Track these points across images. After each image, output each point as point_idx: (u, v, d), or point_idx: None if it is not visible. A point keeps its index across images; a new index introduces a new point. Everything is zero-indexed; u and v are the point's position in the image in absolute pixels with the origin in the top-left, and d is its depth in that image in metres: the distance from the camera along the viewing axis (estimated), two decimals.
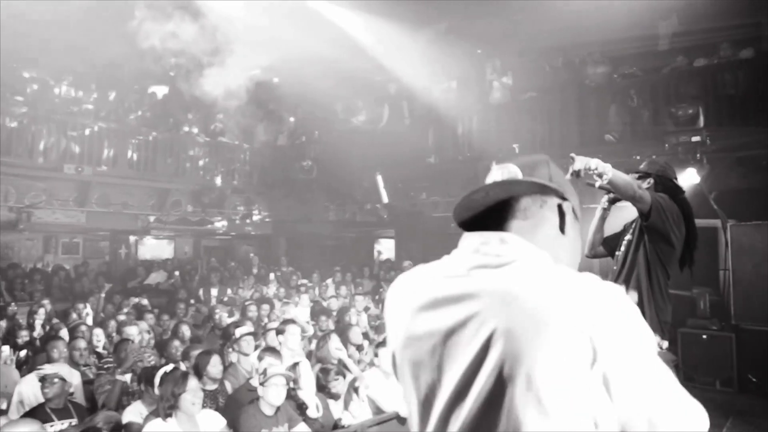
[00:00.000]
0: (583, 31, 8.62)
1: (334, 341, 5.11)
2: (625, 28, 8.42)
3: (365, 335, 6.36)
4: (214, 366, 4.43)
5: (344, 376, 4.65)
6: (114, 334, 5.86)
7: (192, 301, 8.40)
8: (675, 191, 3.37)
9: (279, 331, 5.32)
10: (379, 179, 9.85)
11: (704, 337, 6.53)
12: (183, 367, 4.50)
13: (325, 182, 11.59)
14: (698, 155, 7.02)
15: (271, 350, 4.67)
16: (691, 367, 6.57)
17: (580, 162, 3.00)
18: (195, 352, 4.72)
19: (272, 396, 3.75)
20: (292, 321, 5.64)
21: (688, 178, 7.03)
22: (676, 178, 3.45)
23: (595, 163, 2.99)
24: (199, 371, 4.38)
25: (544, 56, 9.70)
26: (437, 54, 9.79)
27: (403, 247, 11.50)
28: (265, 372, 3.81)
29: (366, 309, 7.96)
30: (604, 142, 7.93)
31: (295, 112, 12.76)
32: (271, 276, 10.08)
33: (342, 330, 6.18)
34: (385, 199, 9.88)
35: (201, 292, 9.19)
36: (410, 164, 10.01)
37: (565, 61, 9.52)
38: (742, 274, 6.39)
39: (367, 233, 13.28)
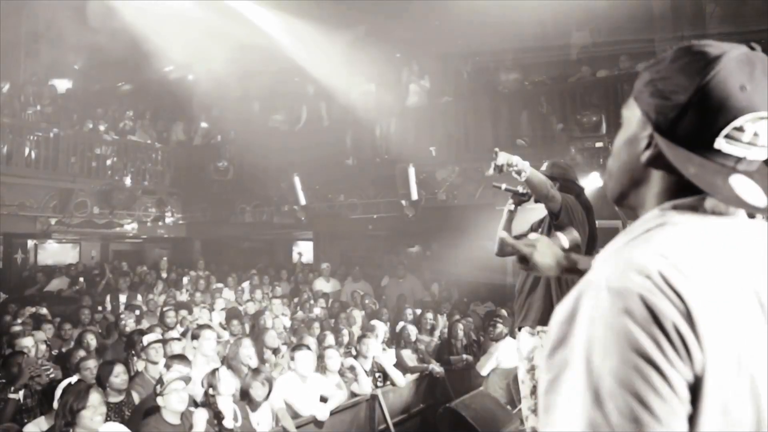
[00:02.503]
0: (497, 39, 8.93)
1: (246, 346, 4.98)
2: (535, 38, 8.82)
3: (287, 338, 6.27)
4: (118, 376, 4.20)
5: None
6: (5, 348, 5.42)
7: (99, 308, 7.93)
8: (574, 189, 3.55)
9: (194, 336, 5.13)
10: (297, 181, 9.73)
11: None
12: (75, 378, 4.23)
13: (241, 183, 11.32)
14: (601, 160, 7.44)
15: (180, 357, 4.48)
16: None
17: (503, 157, 3.15)
18: (90, 363, 4.45)
19: (174, 402, 3.60)
20: (207, 326, 5.46)
21: (593, 181, 7.44)
22: (577, 179, 3.63)
23: (516, 160, 3.14)
24: (102, 383, 4.14)
25: (460, 62, 9.96)
26: (356, 56, 9.81)
27: (322, 249, 11.43)
28: (161, 380, 3.66)
29: (283, 313, 7.85)
30: (516, 146, 8.23)
31: (211, 111, 12.38)
32: (185, 280, 9.71)
33: (258, 334, 6.06)
34: (303, 201, 9.78)
35: (108, 298, 8.69)
36: (328, 166, 9.97)
37: (480, 68, 9.82)
38: None
39: (284, 235, 13.09)
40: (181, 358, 4.42)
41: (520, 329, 3.68)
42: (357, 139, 10.18)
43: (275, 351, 5.74)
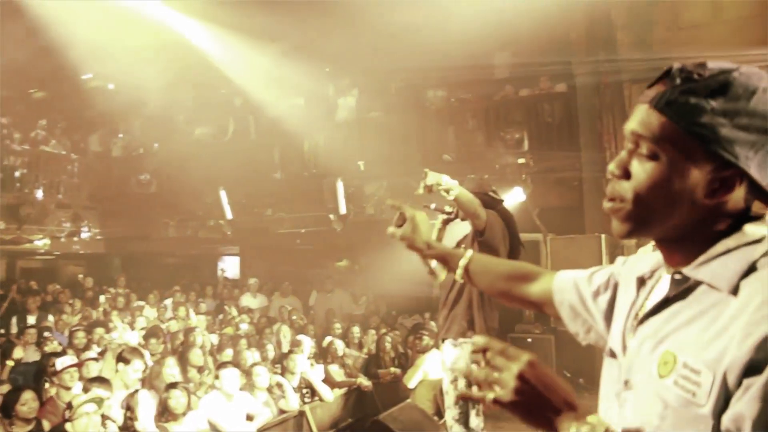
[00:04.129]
0: (425, 57, 9.13)
1: (170, 365, 4.80)
2: (462, 56, 9.09)
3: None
4: (25, 404, 3.93)
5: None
6: None
7: (2, 331, 7.39)
8: (494, 203, 3.69)
9: (122, 360, 4.88)
10: (223, 194, 9.52)
11: (529, 340, 7.16)
12: None
13: (164, 197, 10.94)
14: (523, 176, 7.75)
15: (99, 380, 4.26)
16: None
17: (433, 177, 3.23)
18: None
19: (83, 427, 3.42)
20: (139, 353, 5.22)
21: (515, 196, 7.74)
22: (494, 191, 3.77)
23: (444, 179, 3.23)
24: (7, 411, 3.86)
25: (389, 78, 10.11)
26: (285, 69, 9.76)
27: (248, 264, 11.21)
28: (70, 405, 3.47)
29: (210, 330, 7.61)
30: (442, 162, 8.43)
31: (132, 122, 11.92)
32: (102, 298, 9.23)
33: (181, 352, 5.84)
34: (229, 216, 9.57)
35: (15, 320, 8.12)
36: (255, 180, 9.82)
37: (408, 84, 10.01)
38: None
39: (210, 251, 12.73)
40: (101, 380, 4.19)
41: (443, 341, 3.76)
42: (285, 152, 10.09)
43: (200, 369, 5.56)
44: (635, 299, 1.07)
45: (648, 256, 1.13)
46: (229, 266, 13.33)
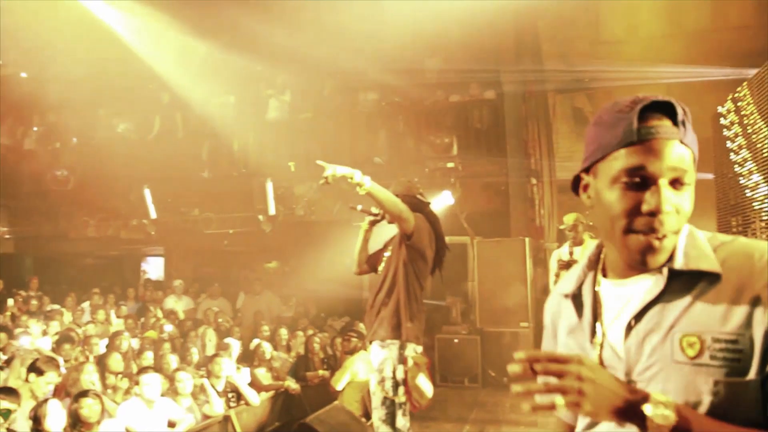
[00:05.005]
0: (358, 59, 9.16)
1: (88, 372, 4.58)
2: (394, 60, 9.19)
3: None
4: None
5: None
6: None
7: None
8: (421, 206, 3.76)
9: (35, 370, 4.57)
10: (147, 193, 9.16)
11: (456, 341, 7.31)
12: None
13: (83, 194, 10.38)
14: (452, 180, 7.92)
15: (6, 391, 3.99)
16: (446, 369, 7.30)
17: (330, 169, 3.27)
18: None
19: None
20: (48, 356, 4.92)
21: (444, 200, 7.90)
22: (421, 194, 3.84)
23: (342, 170, 3.36)
24: None
25: (321, 79, 10.06)
26: (216, 67, 9.52)
27: (174, 265, 10.85)
28: None
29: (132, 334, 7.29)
30: (373, 164, 8.49)
31: (48, 114, 11.25)
32: (10, 302, 8.66)
33: (100, 358, 5.58)
34: (154, 215, 9.22)
35: None
36: (182, 178, 9.52)
37: (340, 86, 10.00)
38: (485, 284, 7.32)
39: (132, 251, 12.22)
40: (7, 391, 3.92)
41: (371, 343, 3.79)
42: (214, 151, 9.84)
43: (120, 375, 5.32)
44: (586, 313, 1.13)
45: (563, 282, 1.25)
46: (153, 267, 12.85)
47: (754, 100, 4.91)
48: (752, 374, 0.94)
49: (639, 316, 1.04)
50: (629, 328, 1.05)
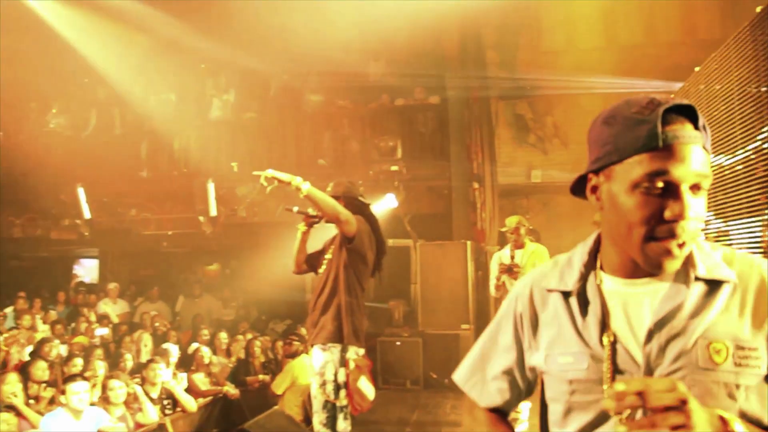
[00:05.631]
0: (304, 60, 9.10)
1: (10, 382, 4.33)
2: (340, 63, 9.17)
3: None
4: None
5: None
6: None
7: None
8: (362, 208, 3.77)
9: None
10: (81, 192, 8.77)
11: (398, 343, 7.35)
12: None
13: (9, 192, 9.83)
14: (396, 183, 7.97)
15: None
16: (388, 371, 7.33)
17: (262, 175, 3.52)
18: None
19: None
20: None
21: (388, 203, 7.94)
22: (361, 195, 3.86)
23: (280, 176, 3.48)
24: None
25: (266, 79, 9.93)
26: (157, 62, 9.23)
27: (108, 267, 10.43)
28: None
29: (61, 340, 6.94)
30: (317, 166, 8.44)
31: None
32: None
33: (23, 366, 5.29)
34: (87, 215, 8.83)
35: None
36: (119, 177, 9.17)
37: (286, 86, 9.89)
38: (427, 287, 7.40)
39: (64, 253, 11.66)
40: None
41: (312, 346, 3.77)
42: (153, 150, 9.54)
43: (45, 384, 5.05)
44: (594, 312, 1.08)
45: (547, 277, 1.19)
46: (87, 270, 12.31)
47: None
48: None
49: (661, 322, 1.03)
50: (650, 333, 1.03)
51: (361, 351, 3.76)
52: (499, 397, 1.26)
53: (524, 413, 4.56)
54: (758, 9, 3.79)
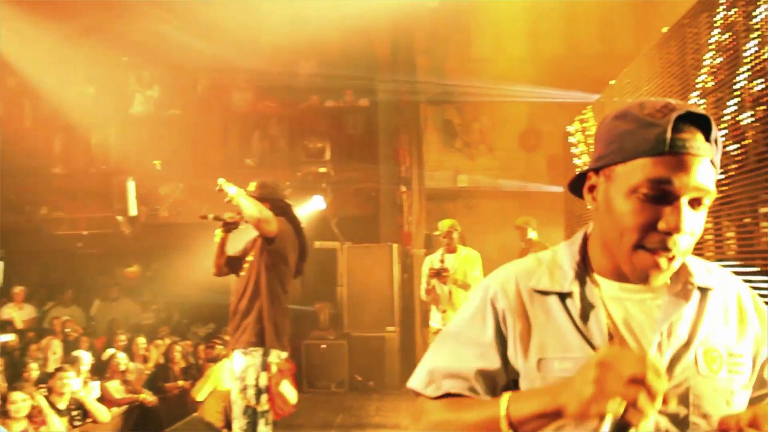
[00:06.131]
0: (233, 58, 8.89)
1: None
2: (270, 62, 9.03)
3: None
4: None
5: None
6: None
7: None
8: (285, 209, 3.74)
9: None
10: None
11: (323, 346, 7.31)
12: None
13: None
14: (324, 185, 7.94)
15: None
16: (313, 374, 7.28)
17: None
18: None
19: None
20: None
21: (315, 205, 7.90)
22: (284, 197, 3.83)
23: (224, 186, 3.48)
24: None
25: (193, 75, 9.64)
26: (74, 53, 8.75)
27: (15, 270, 9.75)
28: None
29: None
30: (244, 166, 8.28)
31: None
32: None
33: None
34: None
35: None
36: (28, 173, 8.60)
37: (213, 84, 9.64)
38: (354, 289, 7.41)
39: None
40: None
41: (233, 350, 3.69)
42: (68, 145, 9.05)
43: None
44: (598, 316, 1.02)
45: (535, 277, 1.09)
46: None
47: (596, 122, 5.44)
48: (749, 389, 1.04)
49: (668, 332, 1.00)
50: (659, 344, 0.99)
51: (284, 354, 3.71)
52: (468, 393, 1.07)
53: None
54: (664, 29, 4.04)
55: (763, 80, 2.70)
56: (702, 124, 0.94)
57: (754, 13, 2.75)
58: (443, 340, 1.13)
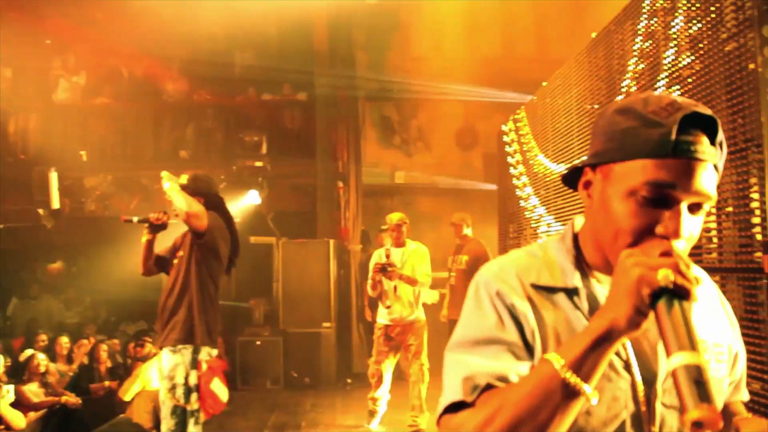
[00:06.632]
0: (168, 46, 8.60)
1: None
2: (206, 52, 8.78)
3: None
4: None
5: None
6: None
7: None
8: (218, 203, 3.68)
9: None
10: None
11: (258, 343, 7.21)
12: None
13: None
14: (260, 179, 7.81)
15: None
16: (248, 372, 7.17)
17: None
18: None
19: None
20: None
21: (251, 199, 7.76)
22: (217, 191, 3.76)
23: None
24: None
25: (124, 62, 9.24)
26: None
27: None
28: None
29: None
30: (178, 159, 8.04)
31: None
32: None
33: None
34: None
35: None
36: None
37: (145, 72, 9.28)
38: (290, 285, 7.33)
39: None
40: None
41: (162, 348, 3.58)
42: None
43: None
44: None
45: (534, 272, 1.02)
46: None
47: (529, 122, 5.61)
48: (728, 379, 1.06)
49: None
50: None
51: (215, 352, 3.64)
52: None
53: None
54: (593, 35, 4.20)
55: (679, 87, 2.86)
56: (708, 125, 0.89)
57: (672, 24, 2.90)
58: (463, 350, 0.96)
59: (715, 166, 0.91)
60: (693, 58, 2.72)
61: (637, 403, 0.93)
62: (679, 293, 0.78)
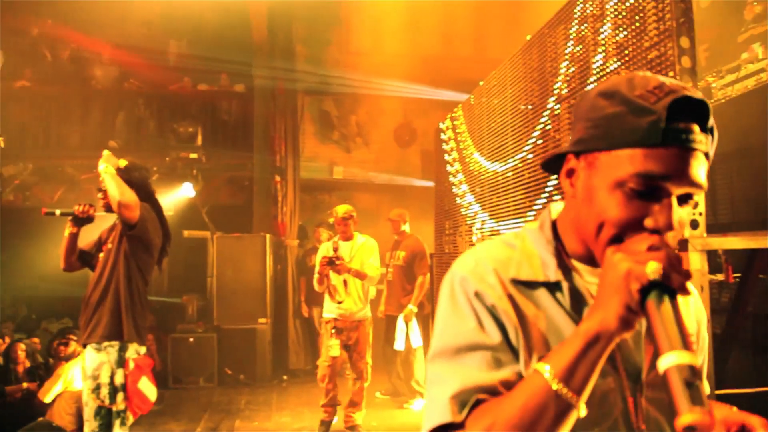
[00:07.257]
0: (97, 29, 8.22)
1: None
2: (140, 37, 8.45)
3: None
4: None
5: None
6: None
7: None
8: (150, 195, 3.56)
9: None
10: None
11: (191, 340, 7.02)
12: None
13: None
14: (195, 171, 7.60)
15: None
16: (180, 369, 6.97)
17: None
18: None
19: None
20: None
21: (185, 192, 7.54)
22: (149, 182, 3.64)
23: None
24: None
25: (47, 44, 8.75)
26: None
27: None
28: None
29: None
30: (108, 148, 7.70)
31: None
32: None
33: None
34: None
35: None
36: None
37: (72, 56, 8.84)
38: (224, 280, 7.18)
39: None
40: None
41: (85, 346, 3.43)
42: None
43: None
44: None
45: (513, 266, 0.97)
46: None
47: (465, 121, 5.70)
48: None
49: None
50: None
51: (143, 349, 3.51)
52: None
53: None
54: (528, 37, 4.32)
55: None
56: (698, 111, 0.84)
57: (600, 30, 3.02)
58: (445, 360, 0.91)
59: (706, 154, 0.86)
60: (619, 63, 2.83)
61: (625, 399, 0.90)
62: (671, 287, 0.75)
